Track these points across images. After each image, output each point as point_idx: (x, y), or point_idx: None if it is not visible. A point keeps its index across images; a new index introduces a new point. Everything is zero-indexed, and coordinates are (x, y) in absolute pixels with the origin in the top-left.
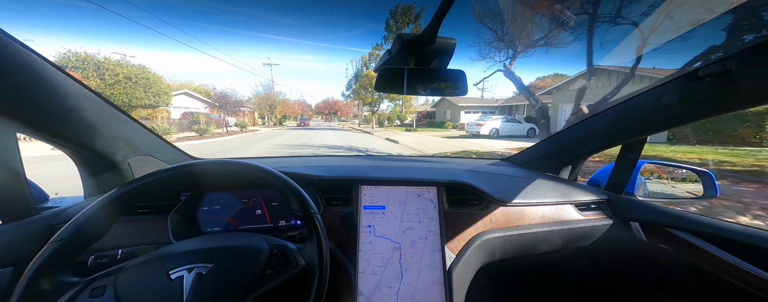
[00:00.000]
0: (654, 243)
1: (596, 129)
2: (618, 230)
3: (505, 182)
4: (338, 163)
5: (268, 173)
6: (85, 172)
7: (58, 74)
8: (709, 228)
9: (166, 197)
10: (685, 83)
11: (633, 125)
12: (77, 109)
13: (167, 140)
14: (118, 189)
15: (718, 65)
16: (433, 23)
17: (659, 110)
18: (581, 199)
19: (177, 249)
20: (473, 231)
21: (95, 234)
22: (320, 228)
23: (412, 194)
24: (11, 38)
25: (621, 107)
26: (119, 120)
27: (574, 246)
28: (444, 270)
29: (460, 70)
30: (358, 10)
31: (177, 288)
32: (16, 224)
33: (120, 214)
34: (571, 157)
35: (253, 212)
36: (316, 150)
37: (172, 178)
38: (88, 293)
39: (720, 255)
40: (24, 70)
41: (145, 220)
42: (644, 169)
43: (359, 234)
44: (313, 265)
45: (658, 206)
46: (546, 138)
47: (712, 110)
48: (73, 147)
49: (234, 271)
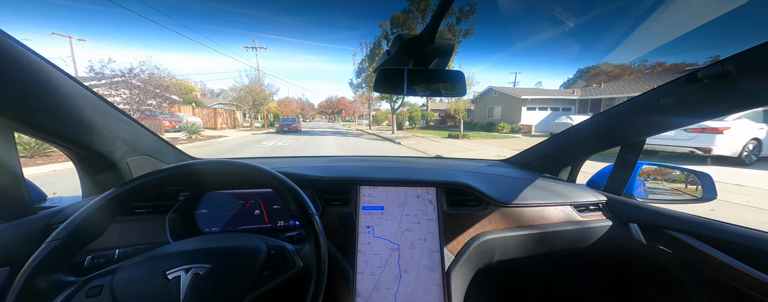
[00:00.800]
0: (653, 244)
1: (595, 130)
2: (617, 231)
3: (504, 183)
4: (337, 163)
5: (267, 173)
6: (83, 172)
7: (56, 74)
8: (708, 230)
9: (165, 197)
10: (683, 85)
11: (632, 126)
12: (76, 108)
13: (166, 140)
14: (116, 189)
15: (717, 67)
16: (431, 24)
17: (658, 111)
18: (580, 200)
19: (174, 249)
20: (472, 232)
21: (93, 233)
22: (319, 230)
23: (412, 195)
24: (10, 38)
25: (620, 108)
26: (118, 120)
27: (573, 247)
28: (443, 272)
29: (458, 70)
30: (360, 10)
31: (174, 288)
32: (13, 224)
33: (118, 214)
34: (570, 158)
35: (252, 212)
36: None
37: (171, 178)
38: (84, 292)
39: (719, 256)
40: (22, 69)
41: (143, 220)
42: (643, 170)
43: (358, 235)
44: (310, 267)
45: (657, 207)
46: (546, 139)
47: (710, 112)
48: (72, 147)
49: (231, 272)
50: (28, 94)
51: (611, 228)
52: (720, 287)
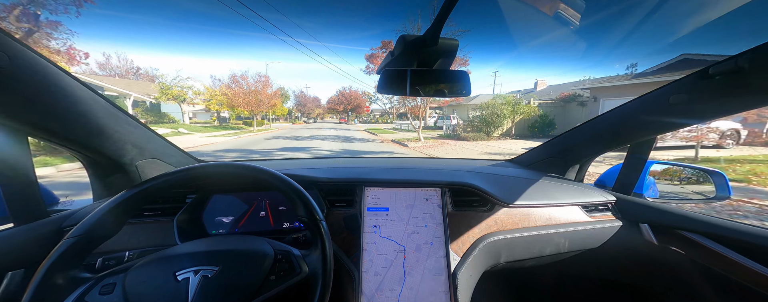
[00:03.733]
0: (665, 245)
1: (603, 129)
2: (627, 232)
3: (509, 183)
4: (341, 164)
5: (274, 176)
6: (94, 175)
7: (68, 79)
8: (723, 230)
9: (173, 199)
10: (694, 82)
11: (641, 124)
12: (87, 113)
13: (173, 144)
14: (127, 191)
15: (730, 63)
16: (435, 24)
17: (668, 109)
18: (588, 200)
19: (184, 250)
20: (478, 233)
21: (107, 232)
22: (325, 236)
23: (421, 197)
24: (26, 47)
25: (629, 106)
26: (127, 124)
27: (582, 248)
28: (448, 276)
29: (463, 70)
30: (372, 11)
31: (183, 289)
32: (28, 227)
33: (130, 215)
34: (577, 157)
35: (257, 214)
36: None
37: (180, 180)
38: (98, 290)
39: (734, 257)
40: (38, 76)
41: (152, 222)
42: (653, 170)
43: (363, 234)
44: (316, 273)
45: (669, 207)
46: (552, 138)
47: (722, 109)
48: (83, 150)
49: (239, 275)
50: (41, 99)
51: (621, 229)
52: (735, 288)
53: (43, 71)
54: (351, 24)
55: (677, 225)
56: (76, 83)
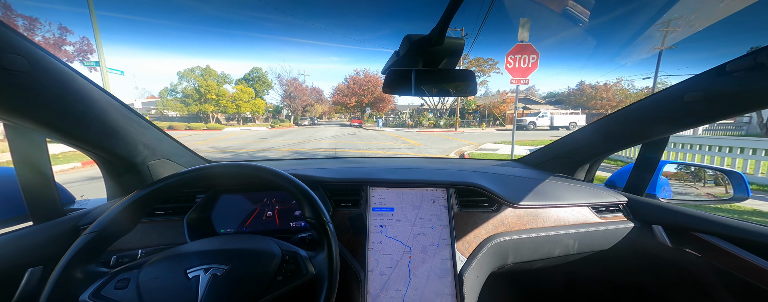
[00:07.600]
0: (679, 247)
1: (614, 128)
2: (639, 233)
3: (516, 183)
4: (347, 165)
5: (282, 177)
6: (108, 174)
7: (83, 82)
8: (740, 232)
9: (183, 198)
10: (711, 79)
11: (654, 123)
12: (101, 115)
13: (183, 144)
14: (141, 190)
15: (748, 59)
16: (440, 24)
17: (682, 107)
18: (599, 201)
19: (194, 249)
20: (484, 234)
21: (122, 230)
22: (332, 238)
23: (427, 199)
24: (42, 51)
25: (641, 104)
26: (139, 125)
27: (592, 249)
28: (454, 277)
29: (468, 70)
30: (383, 10)
31: (193, 286)
32: (45, 225)
33: (143, 214)
34: (587, 157)
35: (264, 214)
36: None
37: (191, 180)
38: (113, 284)
39: (752, 260)
40: (55, 79)
41: (163, 221)
42: (666, 170)
43: (369, 234)
44: (322, 275)
45: (684, 208)
46: (561, 138)
47: (740, 107)
48: (97, 151)
49: (247, 275)
50: (58, 101)
51: (633, 230)
52: (754, 292)
53: (61, 75)
54: (361, 26)
55: (693, 227)
56: (92, 86)
